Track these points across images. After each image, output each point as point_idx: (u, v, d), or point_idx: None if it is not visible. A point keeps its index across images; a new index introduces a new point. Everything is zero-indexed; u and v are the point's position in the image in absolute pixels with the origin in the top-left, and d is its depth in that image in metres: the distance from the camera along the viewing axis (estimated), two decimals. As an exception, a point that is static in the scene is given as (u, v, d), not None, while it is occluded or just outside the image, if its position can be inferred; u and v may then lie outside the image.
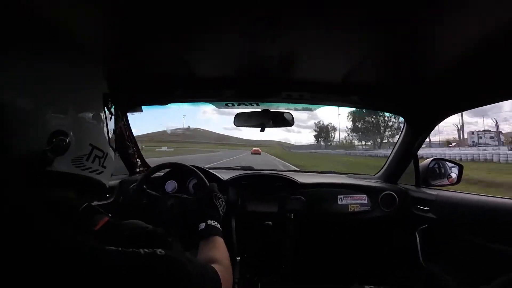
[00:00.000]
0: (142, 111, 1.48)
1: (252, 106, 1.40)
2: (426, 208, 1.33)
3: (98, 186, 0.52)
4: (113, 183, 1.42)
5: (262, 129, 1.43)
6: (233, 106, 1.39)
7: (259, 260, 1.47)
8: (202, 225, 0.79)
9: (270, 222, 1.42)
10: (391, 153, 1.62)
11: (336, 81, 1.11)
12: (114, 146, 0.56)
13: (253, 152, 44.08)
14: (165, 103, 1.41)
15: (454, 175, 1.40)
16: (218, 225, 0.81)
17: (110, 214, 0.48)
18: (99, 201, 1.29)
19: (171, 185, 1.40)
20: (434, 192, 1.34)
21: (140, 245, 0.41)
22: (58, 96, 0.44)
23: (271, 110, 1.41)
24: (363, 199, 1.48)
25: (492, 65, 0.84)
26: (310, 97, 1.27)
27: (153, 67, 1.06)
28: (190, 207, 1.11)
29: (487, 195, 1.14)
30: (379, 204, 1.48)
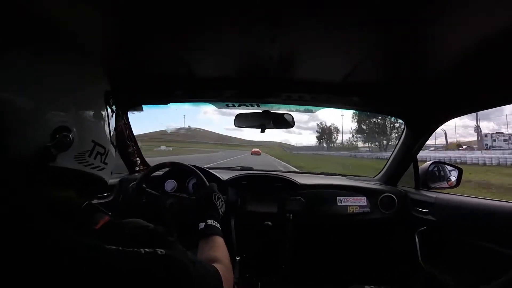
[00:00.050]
0: (142, 110, 1.49)
1: (252, 107, 1.41)
2: (425, 210, 1.33)
3: (99, 183, 0.52)
4: (113, 181, 1.42)
5: (262, 130, 1.44)
6: (233, 106, 1.39)
7: (258, 260, 1.46)
8: (202, 225, 0.79)
9: (270, 223, 1.42)
10: (391, 155, 1.62)
11: (336, 81, 1.11)
12: (115, 143, 0.56)
13: (253, 153, 43.84)
14: (165, 102, 1.41)
15: (453, 178, 1.40)
16: (218, 225, 0.81)
17: (109, 212, 0.48)
18: (99, 198, 1.30)
19: (170, 185, 1.41)
20: (433, 194, 1.34)
21: (141, 244, 0.41)
22: (59, 95, 0.44)
23: (271, 111, 1.41)
24: (362, 200, 1.48)
25: (492, 67, 0.84)
26: (310, 98, 1.27)
27: (153, 67, 1.06)
28: (190, 207, 1.11)
29: (486, 198, 1.14)
30: (379, 206, 1.48)
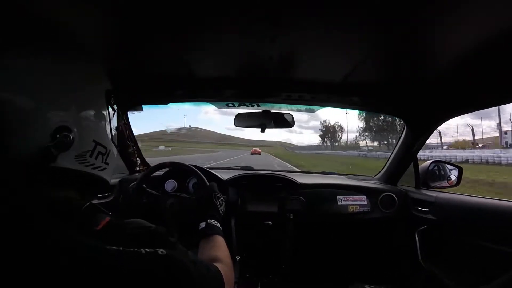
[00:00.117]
0: (142, 110, 1.49)
1: (252, 106, 1.41)
2: (425, 209, 1.33)
3: (100, 183, 0.52)
4: (113, 181, 1.42)
5: (263, 130, 1.44)
6: (233, 106, 1.39)
7: (258, 259, 1.47)
8: (202, 224, 0.79)
9: (270, 222, 1.42)
10: (391, 154, 1.62)
11: (336, 81, 1.11)
12: (116, 143, 0.56)
13: (253, 153, 43.51)
14: (165, 102, 1.41)
15: (453, 177, 1.40)
16: (218, 224, 0.81)
17: (110, 213, 0.47)
18: (99, 198, 1.30)
19: (170, 184, 1.41)
20: (433, 194, 1.34)
21: (142, 245, 0.41)
22: (59, 95, 0.44)
23: (271, 111, 1.41)
24: (362, 200, 1.48)
25: (492, 66, 0.84)
26: (310, 97, 1.27)
27: (153, 67, 1.06)
28: (190, 207, 1.11)
29: (487, 197, 1.14)
30: (379, 205, 1.48)
